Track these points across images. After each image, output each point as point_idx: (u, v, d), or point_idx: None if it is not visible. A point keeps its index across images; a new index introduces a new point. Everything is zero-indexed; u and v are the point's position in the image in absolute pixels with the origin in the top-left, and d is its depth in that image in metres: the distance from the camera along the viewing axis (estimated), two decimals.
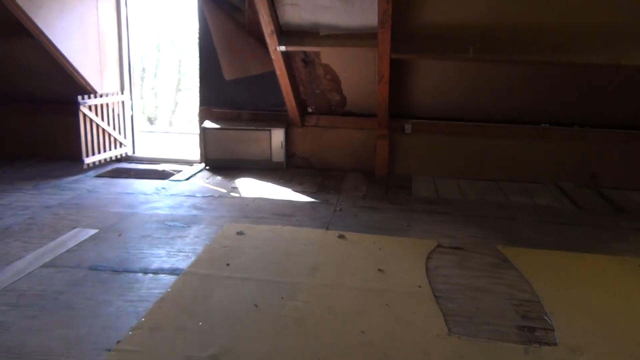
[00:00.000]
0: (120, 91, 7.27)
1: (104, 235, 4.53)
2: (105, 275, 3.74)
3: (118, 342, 2.89)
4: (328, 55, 6.33)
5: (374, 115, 6.71)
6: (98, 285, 3.58)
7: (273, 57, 6.15)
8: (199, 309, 3.25)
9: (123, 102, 7.29)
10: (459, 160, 6.80)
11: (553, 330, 3.18)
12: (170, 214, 5.14)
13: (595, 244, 4.66)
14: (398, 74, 6.17)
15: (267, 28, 5.87)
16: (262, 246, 4.32)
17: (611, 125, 6.43)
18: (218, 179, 6.52)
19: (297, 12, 5.84)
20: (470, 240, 4.63)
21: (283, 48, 6.01)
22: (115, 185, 6.12)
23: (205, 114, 7.16)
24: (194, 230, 4.70)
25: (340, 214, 5.27)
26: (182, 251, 4.21)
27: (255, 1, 5.64)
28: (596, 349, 2.99)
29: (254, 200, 5.66)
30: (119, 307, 3.29)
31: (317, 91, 6.76)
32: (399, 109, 6.70)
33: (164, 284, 3.62)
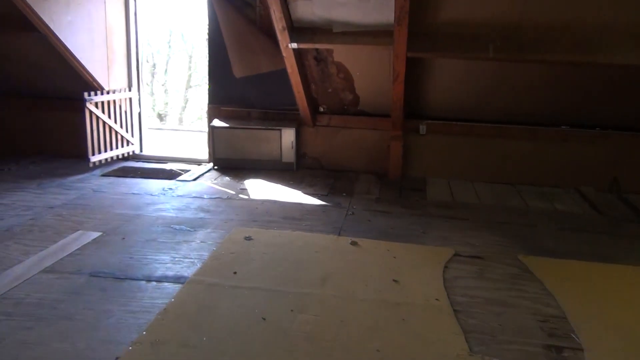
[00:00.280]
0: (128, 88, 7.10)
1: (107, 238, 4.37)
2: (106, 283, 3.57)
3: (117, 359, 2.71)
4: (341, 53, 6.12)
5: (387, 116, 6.50)
6: (99, 294, 3.41)
7: (284, 55, 5.96)
8: (203, 322, 3.07)
9: (131, 99, 7.13)
10: (475, 162, 6.57)
11: (582, 350, 2.97)
12: (176, 216, 4.97)
13: (620, 253, 4.43)
14: (413, 72, 5.95)
15: (279, 24, 5.67)
16: (271, 253, 4.13)
17: (634, 127, 6.17)
18: (226, 180, 6.34)
19: (310, 8, 5.64)
20: (489, 249, 4.42)
21: (295, 45, 5.81)
22: (121, 185, 5.96)
23: (214, 112, 6.98)
24: (200, 234, 4.52)
25: (353, 219, 5.07)
26: (188, 257, 4.03)
27: None
28: None
29: (263, 202, 5.48)
30: (119, 319, 3.11)
31: (329, 90, 6.56)
32: (413, 109, 6.49)
33: (168, 293, 3.44)
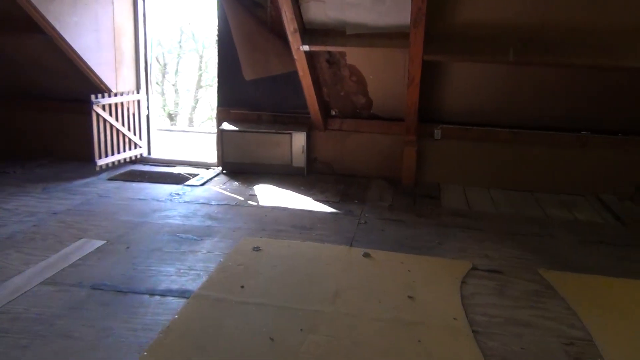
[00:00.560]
0: (136, 90, 6.97)
1: (111, 247, 4.22)
2: (108, 297, 3.41)
3: None
4: (354, 55, 5.93)
5: (401, 120, 6.30)
6: (99, 309, 3.26)
7: (295, 57, 5.78)
8: (208, 343, 2.90)
9: (139, 101, 6.99)
10: (491, 168, 6.36)
11: None
12: (182, 224, 4.81)
13: None
14: (428, 76, 5.74)
15: (290, 26, 5.50)
16: (280, 265, 3.96)
17: None
18: (235, 185, 6.18)
19: (323, 10, 5.46)
20: (507, 262, 4.22)
21: (306, 48, 5.64)
22: (128, 190, 5.82)
23: (223, 115, 6.83)
24: (207, 244, 4.36)
25: (365, 228, 4.89)
26: (193, 269, 3.86)
27: None
28: None
29: (273, 209, 5.31)
30: (120, 337, 2.95)
31: (342, 93, 6.38)
32: (428, 113, 6.29)
33: (172, 308, 3.28)
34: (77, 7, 5.78)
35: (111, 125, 6.50)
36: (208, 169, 6.91)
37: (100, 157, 6.41)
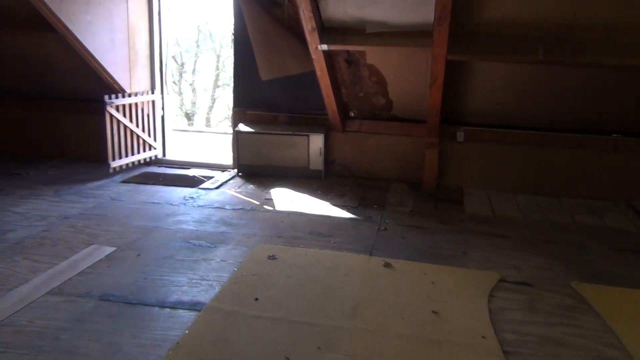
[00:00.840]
0: (150, 90, 6.83)
1: (121, 254, 4.07)
2: (116, 309, 3.26)
3: None
4: (374, 55, 5.72)
5: (422, 121, 6.08)
6: (107, 322, 3.10)
7: (313, 57, 5.59)
8: None
9: (153, 102, 6.86)
10: (517, 172, 6.10)
11: None
12: (196, 229, 4.65)
13: None
14: (451, 75, 5.50)
15: (308, 24, 5.31)
16: (297, 275, 3.77)
17: None
18: (251, 188, 6.01)
19: (342, 7, 5.26)
20: (537, 273, 3.99)
21: (325, 47, 5.44)
22: (141, 193, 5.68)
23: (239, 116, 6.66)
24: (220, 251, 4.19)
25: (385, 235, 4.68)
26: (206, 279, 3.69)
27: None
28: None
29: (289, 215, 5.12)
30: (127, 354, 2.79)
31: (361, 94, 6.17)
32: (450, 114, 6.05)
33: (182, 322, 3.11)
34: (91, 6, 5.65)
35: (125, 126, 6.37)
36: (223, 171, 6.75)
37: (114, 159, 6.28)
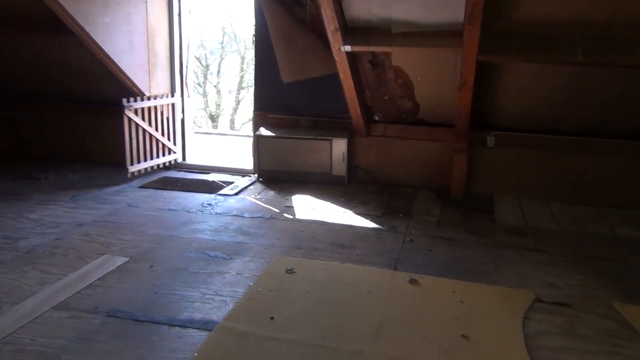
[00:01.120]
0: (170, 93, 6.68)
1: (133, 266, 3.90)
2: (123, 327, 3.07)
3: None
4: (400, 56, 5.47)
5: (450, 126, 5.80)
6: (111, 342, 2.91)
7: (336, 58, 5.36)
8: None
9: (173, 105, 6.71)
10: (551, 180, 5.77)
11: None
12: (212, 239, 4.46)
13: None
14: (481, 78, 5.21)
15: (331, 25, 5.07)
16: (316, 291, 3.54)
17: None
18: (271, 195, 5.80)
19: (366, 7, 5.01)
20: (576, 292, 3.69)
21: (348, 48, 5.20)
22: (158, 199, 5.52)
23: (260, 119, 6.46)
24: (236, 263, 3.98)
25: (411, 247, 4.42)
26: (220, 294, 3.49)
27: None
28: None
29: (310, 224, 4.90)
30: None
31: (386, 97, 5.91)
32: (480, 118, 5.75)
33: (192, 344, 2.91)
34: (109, 7, 5.51)
35: (144, 130, 6.23)
36: (244, 176, 6.56)
37: (132, 164, 6.15)
